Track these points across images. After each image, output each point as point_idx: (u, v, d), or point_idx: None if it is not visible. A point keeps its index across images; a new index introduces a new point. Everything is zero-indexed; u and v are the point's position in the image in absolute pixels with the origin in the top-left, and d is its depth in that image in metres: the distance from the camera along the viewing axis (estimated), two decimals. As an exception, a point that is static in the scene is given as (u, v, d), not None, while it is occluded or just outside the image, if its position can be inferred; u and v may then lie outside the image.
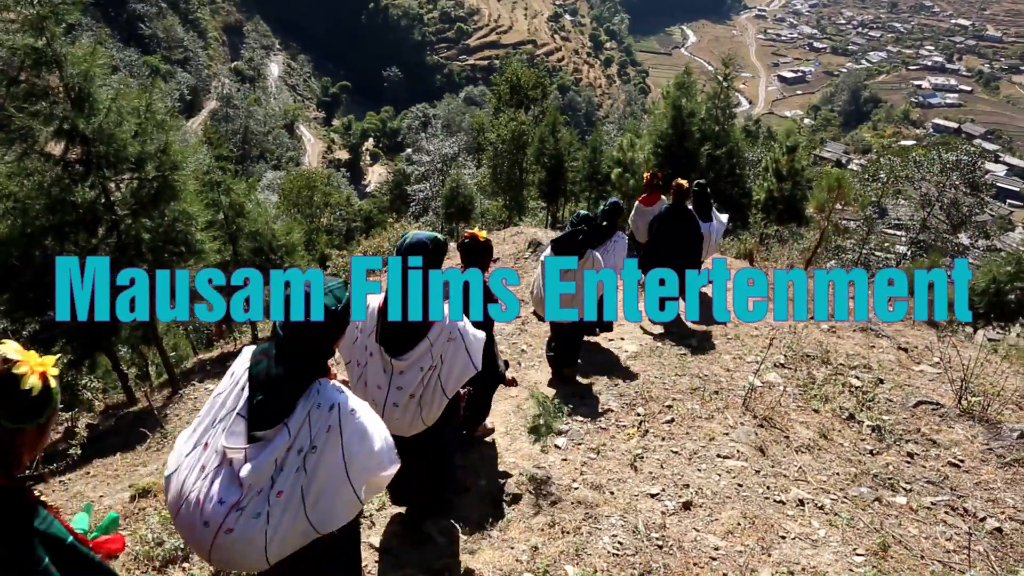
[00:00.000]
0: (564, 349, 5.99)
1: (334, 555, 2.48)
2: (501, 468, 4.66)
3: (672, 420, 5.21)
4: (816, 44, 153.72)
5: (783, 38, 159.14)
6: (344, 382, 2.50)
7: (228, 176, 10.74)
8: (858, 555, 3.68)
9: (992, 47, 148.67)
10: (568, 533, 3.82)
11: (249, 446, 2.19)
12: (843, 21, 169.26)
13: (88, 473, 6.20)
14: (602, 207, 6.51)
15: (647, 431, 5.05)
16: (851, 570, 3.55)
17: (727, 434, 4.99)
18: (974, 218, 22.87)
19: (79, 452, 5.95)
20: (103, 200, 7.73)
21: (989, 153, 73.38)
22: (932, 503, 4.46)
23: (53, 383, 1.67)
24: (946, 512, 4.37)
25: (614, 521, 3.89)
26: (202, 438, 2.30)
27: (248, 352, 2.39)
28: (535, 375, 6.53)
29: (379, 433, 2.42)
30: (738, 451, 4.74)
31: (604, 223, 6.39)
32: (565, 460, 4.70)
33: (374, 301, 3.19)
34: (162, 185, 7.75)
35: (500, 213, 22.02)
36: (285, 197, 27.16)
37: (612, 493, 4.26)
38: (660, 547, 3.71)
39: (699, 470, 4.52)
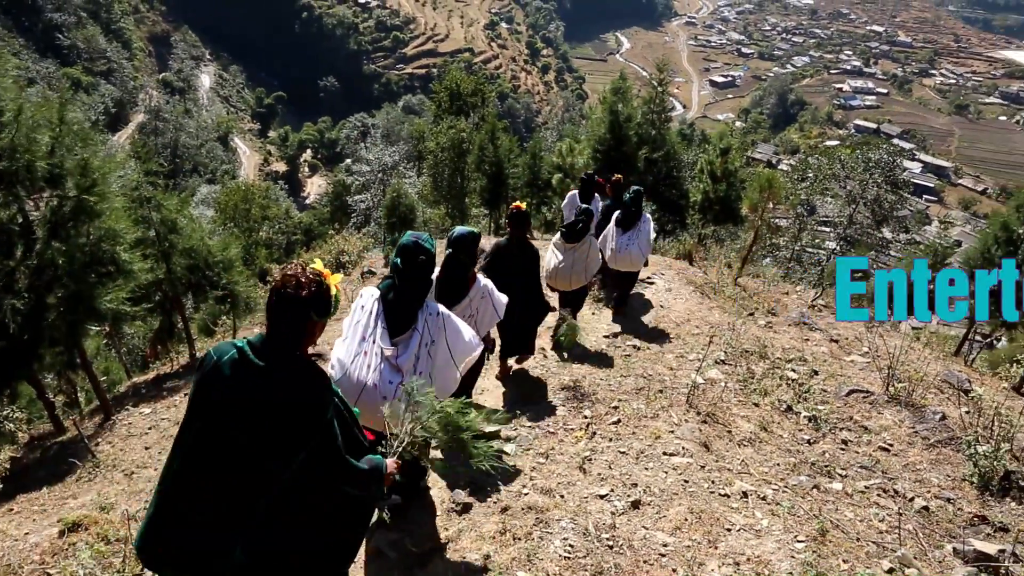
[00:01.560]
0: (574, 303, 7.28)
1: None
2: (451, 476, 4.63)
3: (619, 420, 5.28)
4: (744, 50, 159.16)
5: (713, 44, 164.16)
6: None
7: (159, 192, 10.33)
8: (799, 542, 3.81)
9: (904, 52, 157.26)
10: (519, 539, 3.82)
11: (398, 346, 3.38)
12: (768, 27, 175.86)
13: (11, 510, 5.84)
14: (628, 195, 7.65)
15: (595, 433, 5.11)
16: (793, 557, 3.66)
17: (672, 432, 5.09)
18: (895, 213, 24.08)
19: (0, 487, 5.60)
20: (19, 220, 7.33)
21: (906, 152, 77.38)
22: (866, 487, 4.66)
23: (330, 277, 2.36)
24: (878, 495, 4.57)
25: (565, 524, 3.91)
26: (359, 349, 3.36)
27: (370, 290, 3.53)
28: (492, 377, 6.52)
29: (467, 329, 3.68)
30: (683, 448, 4.85)
31: (632, 208, 7.59)
32: (515, 466, 4.70)
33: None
34: (81, 203, 7.39)
35: (443, 221, 21.92)
36: (221, 211, 26.34)
37: (562, 496, 4.28)
38: (611, 547, 3.75)
39: (646, 469, 4.59)
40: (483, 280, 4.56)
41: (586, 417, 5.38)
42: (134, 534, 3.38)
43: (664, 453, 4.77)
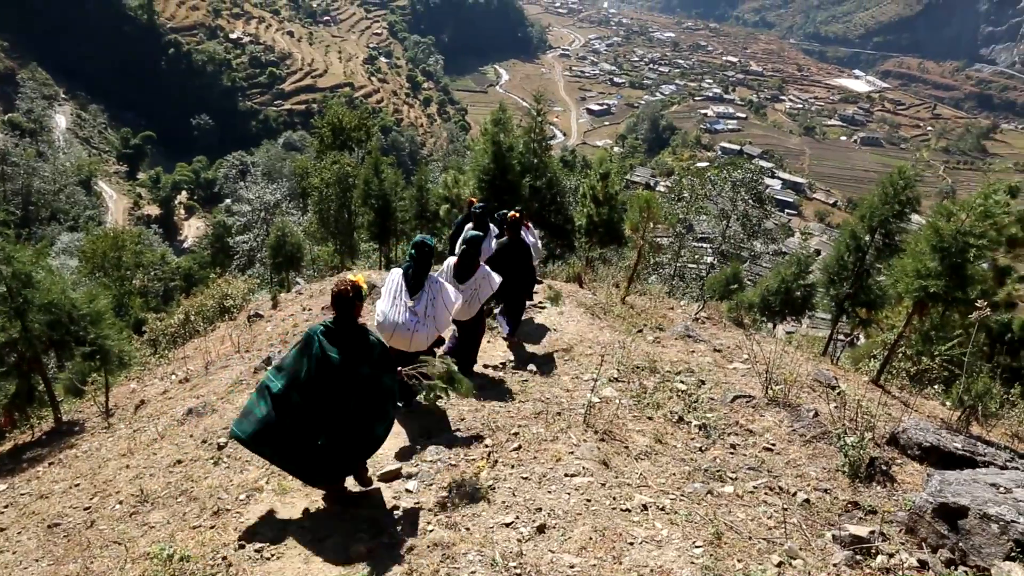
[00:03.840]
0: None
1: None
2: (352, 522, 4.47)
3: (519, 447, 5.31)
4: (616, 79, 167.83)
5: (587, 74, 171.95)
6: None
7: (9, 242, 9.41)
8: (697, 547, 3.97)
9: (757, 80, 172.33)
10: (427, 579, 3.73)
11: (413, 301, 5.62)
12: (636, 59, 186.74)
13: None
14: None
15: (496, 461, 5.10)
16: (692, 563, 3.81)
17: (572, 453, 5.18)
18: (763, 226, 26.07)
19: None
20: None
21: (766, 170, 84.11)
22: (754, 487, 4.94)
23: (365, 285, 4.49)
24: (765, 493, 4.85)
25: (472, 558, 3.87)
26: (393, 303, 5.65)
27: (397, 270, 5.83)
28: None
29: (455, 292, 5.98)
30: (584, 468, 4.94)
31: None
32: (418, 503, 4.61)
33: (451, 261, 6.72)
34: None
35: (332, 258, 21.37)
36: (87, 260, 24.38)
37: (467, 529, 4.23)
38: (519, 575, 3.74)
39: (549, 492, 4.63)
40: (485, 267, 6.76)
41: (487, 446, 5.37)
42: None
43: (566, 475, 4.84)
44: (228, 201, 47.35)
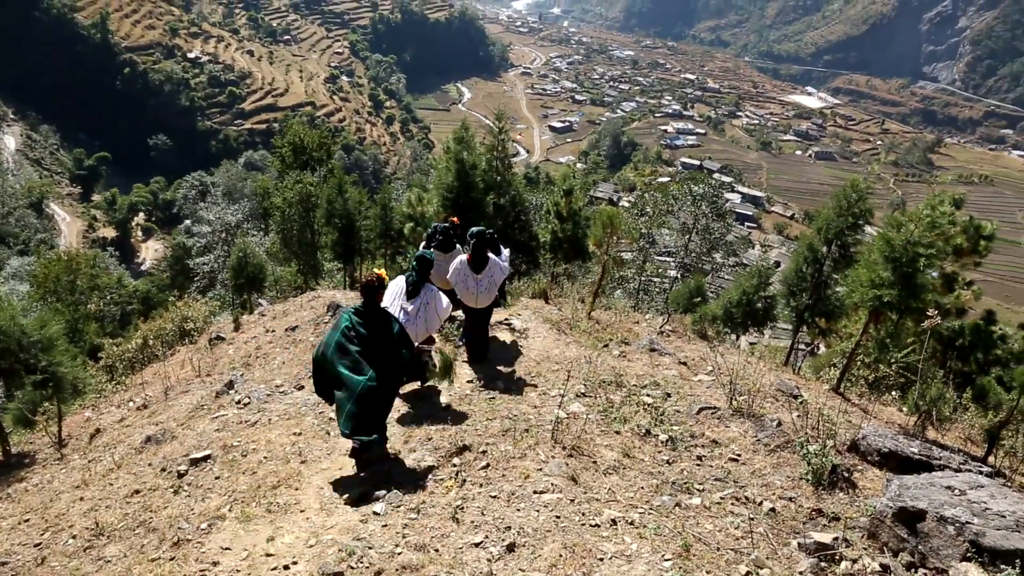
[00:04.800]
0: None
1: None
2: (318, 547, 4.38)
3: (488, 465, 5.28)
4: (578, 97, 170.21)
5: (549, 92, 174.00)
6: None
7: (-46, 269, 9.08)
8: (666, 560, 3.99)
9: (714, 96, 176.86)
10: (396, 604, 3.67)
11: (409, 303, 6.73)
12: (597, 76, 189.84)
13: None
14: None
15: (465, 480, 5.07)
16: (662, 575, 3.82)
17: (540, 469, 5.16)
18: (724, 239, 26.61)
19: None
20: None
21: (726, 184, 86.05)
22: (721, 498, 4.99)
23: (387, 277, 6.10)
24: (732, 503, 4.90)
25: (441, 580, 3.82)
26: (393, 304, 6.64)
27: (400, 278, 6.92)
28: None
29: (447, 300, 6.93)
30: (552, 484, 4.93)
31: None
32: (385, 526, 4.54)
33: (463, 257, 7.66)
34: None
35: (295, 279, 21.06)
36: (39, 285, 23.58)
37: (436, 551, 4.18)
38: (489, 596, 3.71)
39: (518, 510, 4.61)
40: (494, 257, 7.77)
41: (455, 465, 5.33)
42: None
43: (534, 492, 4.83)
44: (188, 222, 46.46)
